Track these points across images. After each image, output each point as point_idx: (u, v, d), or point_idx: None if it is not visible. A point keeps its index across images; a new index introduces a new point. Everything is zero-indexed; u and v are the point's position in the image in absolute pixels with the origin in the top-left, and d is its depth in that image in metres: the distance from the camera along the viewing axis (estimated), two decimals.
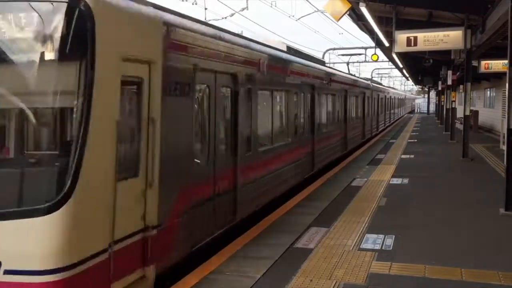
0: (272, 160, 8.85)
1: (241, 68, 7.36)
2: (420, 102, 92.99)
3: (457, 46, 14.33)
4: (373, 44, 21.44)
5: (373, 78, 49.19)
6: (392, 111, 40.25)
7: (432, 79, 37.42)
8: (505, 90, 8.55)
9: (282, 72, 9.62)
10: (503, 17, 9.93)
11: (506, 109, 8.32)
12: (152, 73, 4.93)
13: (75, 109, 4.06)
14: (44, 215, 3.83)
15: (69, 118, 4.22)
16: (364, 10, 11.59)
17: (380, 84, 36.21)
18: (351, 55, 36.51)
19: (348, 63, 37.28)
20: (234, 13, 20.74)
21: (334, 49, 36.56)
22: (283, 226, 7.57)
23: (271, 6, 21.24)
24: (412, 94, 77.94)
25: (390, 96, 36.91)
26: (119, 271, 4.43)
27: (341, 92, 15.64)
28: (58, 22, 4.09)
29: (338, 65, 34.28)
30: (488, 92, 29.86)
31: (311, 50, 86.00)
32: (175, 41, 5.39)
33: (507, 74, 8.29)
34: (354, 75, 25.54)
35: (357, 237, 6.91)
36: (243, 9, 19.89)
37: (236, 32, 8.38)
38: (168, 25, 5.27)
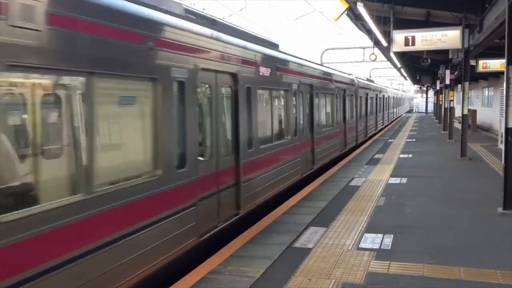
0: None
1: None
2: (419, 101, 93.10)
3: (455, 46, 14.32)
4: (371, 44, 21.41)
5: (371, 78, 49.26)
6: (387, 111, 37.77)
7: (430, 78, 37.43)
8: (503, 89, 8.56)
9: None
10: (501, 17, 9.94)
11: (504, 108, 8.35)
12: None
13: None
14: None
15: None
16: (362, 10, 11.59)
17: (372, 81, 32.53)
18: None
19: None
20: (232, 13, 20.77)
21: (333, 49, 36.63)
22: (282, 226, 7.59)
23: (269, 6, 21.37)
24: (405, 92, 77.41)
25: (384, 95, 34.68)
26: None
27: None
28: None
29: (337, 65, 34.24)
30: (486, 91, 29.89)
31: (309, 50, 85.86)
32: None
33: (505, 74, 8.32)
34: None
35: (355, 237, 6.93)
36: (241, 9, 19.92)
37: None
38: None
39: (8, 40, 3.49)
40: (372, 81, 32.02)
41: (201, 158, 6.37)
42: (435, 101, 46.45)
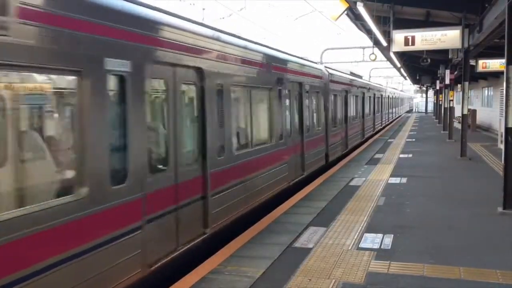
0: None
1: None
2: (418, 101, 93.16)
3: (455, 46, 14.34)
4: (371, 44, 21.43)
5: (371, 77, 48.98)
6: (379, 114, 31.58)
7: (430, 78, 37.45)
8: (503, 89, 8.57)
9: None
10: (500, 17, 9.94)
11: (504, 108, 8.35)
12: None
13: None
14: None
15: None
16: (361, 9, 11.59)
17: (359, 76, 25.27)
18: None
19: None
20: (232, 13, 20.80)
21: (332, 49, 36.63)
22: (281, 226, 7.59)
23: (269, 6, 21.36)
24: (403, 92, 76.64)
25: (375, 94, 28.47)
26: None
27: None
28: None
29: (337, 64, 33.94)
30: (486, 91, 29.90)
31: (308, 50, 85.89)
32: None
33: (505, 73, 8.32)
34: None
35: (355, 237, 6.93)
36: (241, 9, 19.93)
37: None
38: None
39: None
40: (360, 77, 25.38)
41: None
42: (435, 101, 46.45)
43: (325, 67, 15.83)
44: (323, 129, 14.07)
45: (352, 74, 22.37)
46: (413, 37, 13.95)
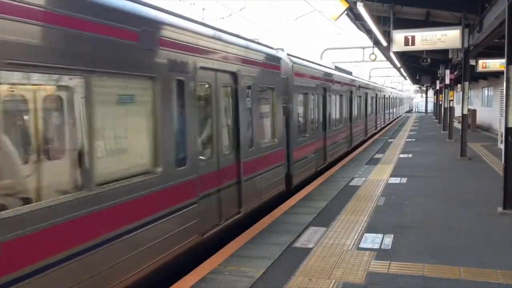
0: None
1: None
2: (418, 101, 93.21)
3: (455, 46, 14.34)
4: (371, 44, 21.43)
5: (371, 77, 48.82)
6: (373, 116, 27.07)
7: (430, 78, 37.47)
8: (503, 89, 8.57)
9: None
10: (500, 16, 9.95)
11: (504, 108, 8.35)
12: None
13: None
14: None
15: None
16: (361, 9, 11.61)
17: (348, 72, 21.31)
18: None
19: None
20: (232, 13, 20.83)
21: (332, 49, 36.69)
22: (281, 226, 7.59)
23: (269, 6, 21.34)
24: (402, 92, 75.39)
25: (367, 93, 24.19)
26: None
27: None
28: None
29: (337, 65, 33.60)
30: (486, 91, 29.90)
31: (308, 50, 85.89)
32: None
33: (505, 73, 8.32)
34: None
35: (355, 237, 6.93)
36: (241, 9, 19.95)
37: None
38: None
39: None
40: (349, 73, 21.30)
41: None
42: (435, 101, 46.43)
43: (288, 54, 11.19)
44: (282, 141, 10.02)
45: (337, 68, 18.41)
46: (413, 37, 13.95)
